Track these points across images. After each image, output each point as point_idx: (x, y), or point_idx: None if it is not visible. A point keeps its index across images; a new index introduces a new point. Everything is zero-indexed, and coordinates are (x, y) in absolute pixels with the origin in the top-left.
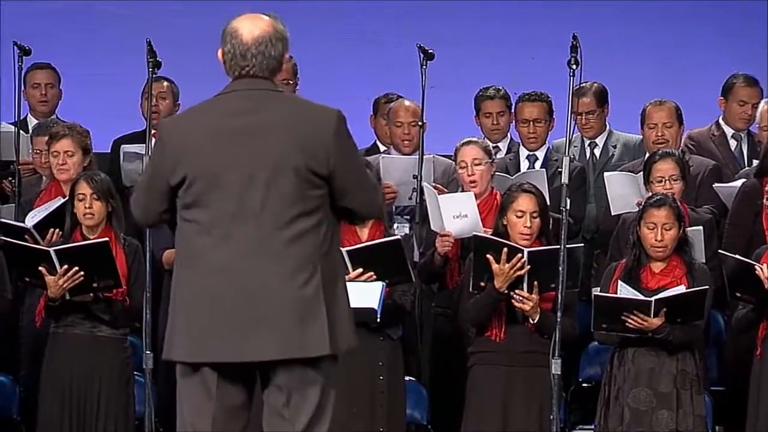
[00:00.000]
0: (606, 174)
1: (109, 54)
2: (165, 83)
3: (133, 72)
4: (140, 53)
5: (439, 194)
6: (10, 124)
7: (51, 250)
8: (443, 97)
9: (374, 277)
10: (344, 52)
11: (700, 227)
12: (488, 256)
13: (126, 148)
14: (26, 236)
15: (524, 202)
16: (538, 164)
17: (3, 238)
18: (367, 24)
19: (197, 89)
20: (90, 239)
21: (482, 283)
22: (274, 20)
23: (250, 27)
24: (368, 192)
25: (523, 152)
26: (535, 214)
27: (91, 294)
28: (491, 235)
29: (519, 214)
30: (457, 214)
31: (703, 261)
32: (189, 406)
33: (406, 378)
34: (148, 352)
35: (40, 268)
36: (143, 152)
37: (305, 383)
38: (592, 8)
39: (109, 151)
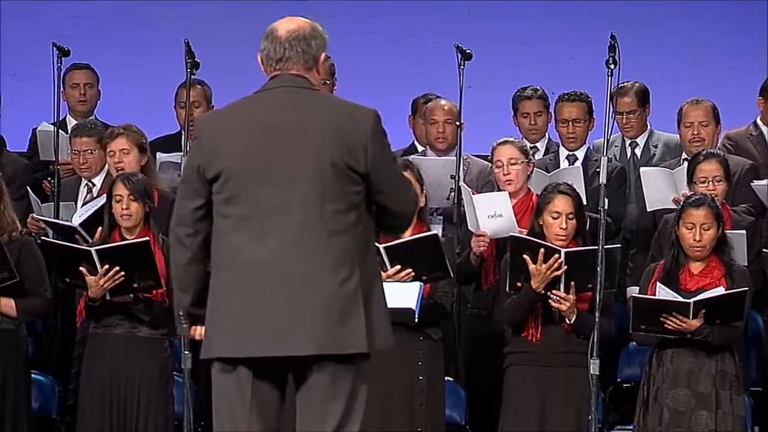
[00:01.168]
0: (642, 170)
1: (145, 54)
2: (198, 87)
3: (170, 72)
4: (177, 54)
5: (474, 194)
6: (49, 124)
7: (92, 249)
8: (481, 97)
9: (412, 274)
10: (382, 52)
11: (743, 231)
12: (525, 256)
13: (162, 157)
14: (76, 236)
15: (560, 204)
16: (578, 164)
17: (43, 238)
18: (405, 24)
19: (232, 91)
20: (128, 239)
21: (518, 284)
22: (312, 22)
23: (286, 24)
24: (403, 192)
25: (563, 152)
26: (571, 216)
27: (131, 294)
28: (527, 235)
29: (555, 215)
30: (492, 214)
31: (745, 264)
32: (224, 405)
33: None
34: (186, 352)
35: (81, 268)
36: (179, 161)
37: (339, 381)
38: (630, 7)
39: None
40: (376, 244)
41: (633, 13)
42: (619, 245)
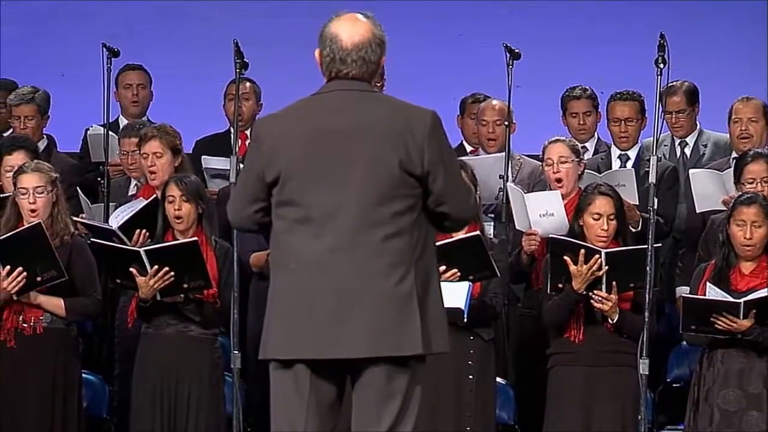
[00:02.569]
0: (691, 171)
1: (194, 54)
2: (248, 84)
3: (218, 73)
4: (226, 54)
5: (526, 193)
6: (100, 125)
7: (141, 250)
8: (529, 97)
9: (458, 274)
10: (431, 52)
11: None
12: (565, 257)
13: (207, 162)
14: (113, 238)
15: (601, 205)
16: (629, 164)
17: (93, 240)
18: (453, 24)
19: (281, 91)
20: (180, 240)
21: (559, 285)
22: (373, 24)
23: (350, 32)
24: (462, 195)
25: (615, 152)
26: (612, 217)
27: (182, 295)
28: (567, 235)
29: (596, 216)
30: (543, 213)
31: None
32: (282, 405)
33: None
34: (236, 351)
35: (131, 269)
36: (227, 167)
37: (393, 383)
38: (679, 7)
39: (191, 151)
40: None
41: (683, 12)
42: (659, 244)
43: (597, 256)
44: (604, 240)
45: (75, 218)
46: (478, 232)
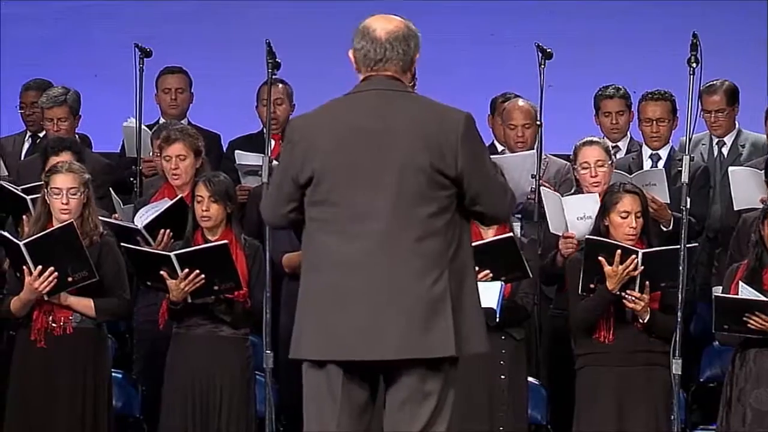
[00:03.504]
0: (730, 169)
1: (226, 55)
2: (280, 85)
3: (251, 73)
4: (258, 54)
5: (563, 195)
6: (132, 125)
7: (172, 254)
8: (561, 97)
9: (491, 275)
10: (462, 51)
11: None
12: (600, 258)
13: (241, 158)
14: (138, 237)
15: (628, 203)
16: (661, 163)
17: (124, 244)
18: (485, 24)
19: (313, 91)
20: (210, 241)
21: (591, 285)
22: (407, 21)
23: (384, 24)
24: (497, 195)
25: (646, 151)
26: (639, 214)
27: (212, 296)
28: (592, 234)
29: (624, 214)
30: (580, 216)
31: None
32: (314, 406)
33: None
34: (268, 351)
35: (161, 272)
36: (259, 162)
37: (426, 384)
38: (711, 6)
39: (224, 151)
40: None
41: (716, 11)
42: (695, 244)
43: (633, 256)
44: (632, 238)
45: (101, 218)
46: (511, 234)
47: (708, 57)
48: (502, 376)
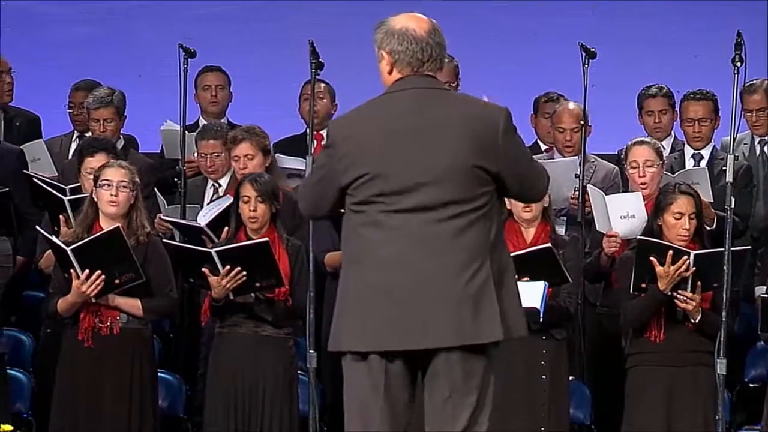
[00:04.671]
0: None
1: (270, 55)
2: (322, 85)
3: (294, 73)
4: (301, 54)
5: (606, 195)
6: (172, 121)
7: (213, 251)
8: (604, 96)
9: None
10: (505, 51)
11: None
12: (652, 258)
13: (281, 161)
14: (202, 236)
15: (683, 204)
16: (703, 163)
17: (165, 240)
18: (528, 24)
19: (356, 92)
20: (253, 239)
21: (643, 285)
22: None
23: (418, 23)
24: (534, 184)
25: (688, 151)
26: (692, 216)
27: (253, 294)
28: (644, 235)
29: (677, 215)
30: (624, 215)
31: None
32: (357, 400)
33: (570, 378)
34: (311, 351)
35: (203, 269)
36: (301, 167)
37: (469, 378)
38: (757, 5)
39: None
40: None
41: (760, 10)
42: (748, 247)
43: (685, 257)
44: (685, 239)
45: (164, 217)
46: (549, 245)
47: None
48: (543, 377)
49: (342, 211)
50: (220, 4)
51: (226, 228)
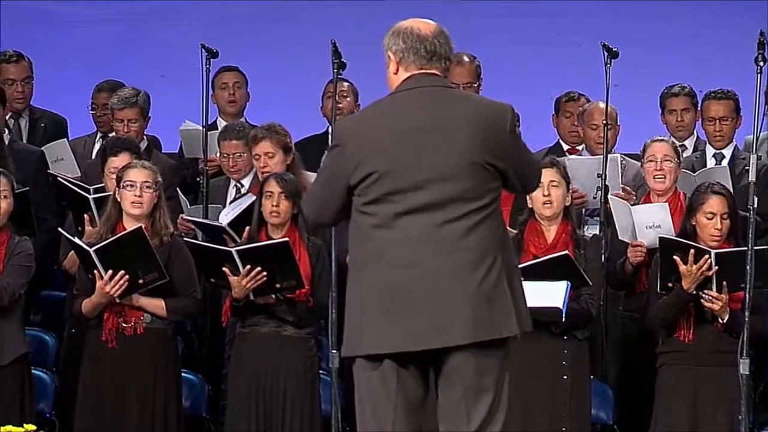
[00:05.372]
0: None
1: (292, 55)
2: (345, 84)
3: (317, 73)
4: (324, 54)
5: (631, 205)
6: (191, 121)
7: (233, 250)
8: (627, 96)
9: None
10: (527, 51)
11: None
12: (675, 257)
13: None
14: (224, 235)
15: (715, 204)
16: (724, 162)
17: (187, 239)
18: (551, 24)
19: (379, 92)
20: (274, 239)
21: (669, 284)
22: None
23: (423, 24)
24: (533, 177)
25: (710, 150)
26: (725, 216)
27: (274, 295)
28: (678, 235)
29: (709, 215)
30: (650, 225)
31: None
32: (369, 403)
33: (592, 378)
34: (334, 351)
35: (223, 268)
36: None
37: (482, 377)
38: None
39: None
40: None
41: None
42: None
43: (706, 256)
44: (717, 239)
45: (186, 216)
46: (566, 252)
47: None
48: (565, 377)
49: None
50: (243, 4)
51: (248, 227)
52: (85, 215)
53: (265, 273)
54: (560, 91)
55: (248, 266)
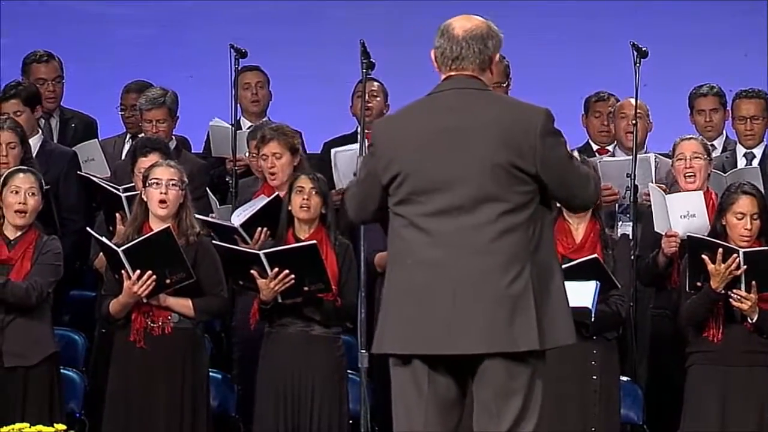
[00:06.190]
0: None
1: (321, 55)
2: (376, 84)
3: (346, 73)
4: (353, 54)
5: (666, 194)
6: (220, 119)
7: (261, 253)
8: (656, 96)
9: None
10: (557, 51)
11: None
12: (704, 256)
13: (339, 155)
14: (235, 236)
15: (745, 204)
16: (755, 162)
17: (215, 242)
18: (580, 23)
19: (408, 92)
20: (301, 240)
21: (698, 283)
22: (488, 21)
23: (463, 22)
24: (578, 186)
25: (740, 150)
26: (755, 216)
27: (302, 297)
28: (709, 235)
29: (739, 215)
30: (684, 214)
31: None
32: (402, 402)
33: (622, 378)
34: (363, 351)
35: (251, 271)
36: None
37: (514, 379)
38: None
39: (320, 152)
40: None
41: None
42: None
43: (735, 255)
44: (747, 239)
45: (198, 216)
46: (595, 255)
47: None
48: (594, 377)
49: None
50: (272, 4)
51: (260, 228)
52: (118, 214)
53: (292, 276)
54: (589, 90)
55: (276, 269)
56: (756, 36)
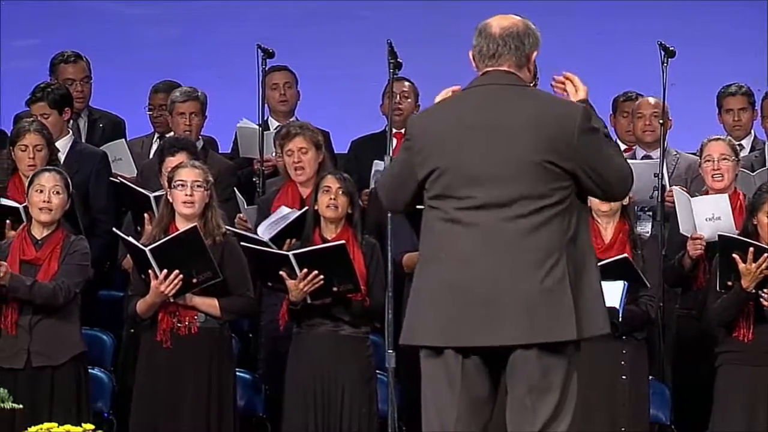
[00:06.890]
0: None
1: (348, 55)
2: (407, 83)
3: (373, 73)
4: (380, 54)
5: (691, 197)
6: (248, 119)
7: (290, 254)
8: (684, 95)
9: None
10: (584, 50)
11: None
12: (734, 255)
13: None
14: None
15: None
16: None
17: (243, 243)
18: (607, 22)
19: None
20: (328, 240)
21: (729, 283)
22: (526, 19)
23: (500, 21)
24: (615, 183)
25: None
26: None
27: (331, 298)
28: (739, 234)
29: None
30: (709, 217)
31: None
32: (432, 395)
33: (650, 378)
34: (390, 351)
35: (280, 272)
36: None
37: (550, 373)
38: None
39: (347, 151)
40: None
41: None
42: None
43: (766, 254)
44: None
45: (229, 228)
46: (625, 255)
47: None
48: (623, 377)
49: (420, 207)
50: (299, 4)
51: (289, 240)
52: (146, 214)
53: (321, 277)
54: (616, 90)
55: (305, 270)
56: None
